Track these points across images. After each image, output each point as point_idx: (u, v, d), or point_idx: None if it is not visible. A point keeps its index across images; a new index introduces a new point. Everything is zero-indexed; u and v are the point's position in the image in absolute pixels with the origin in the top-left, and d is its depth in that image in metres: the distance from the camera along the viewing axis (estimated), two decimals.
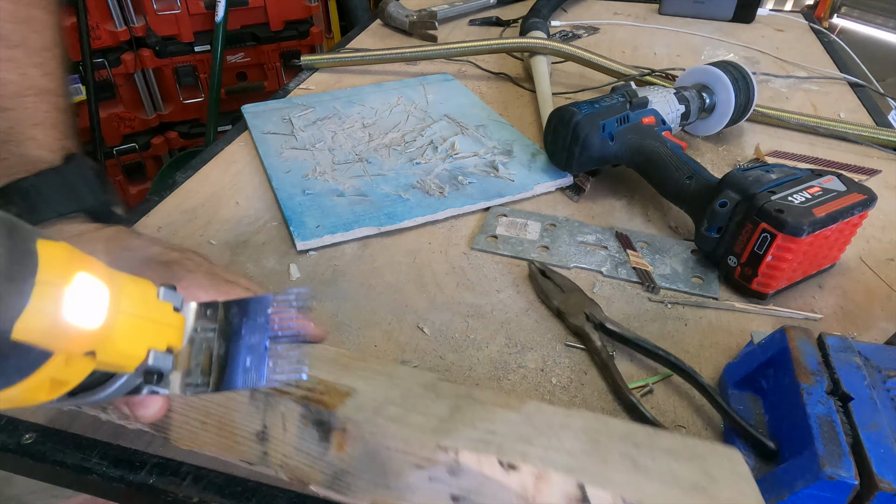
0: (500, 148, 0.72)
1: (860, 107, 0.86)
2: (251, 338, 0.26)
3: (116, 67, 1.64)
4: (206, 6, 1.66)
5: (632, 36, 1.11)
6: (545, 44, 0.88)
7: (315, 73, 0.95)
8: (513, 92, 0.89)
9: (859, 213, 0.48)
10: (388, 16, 1.14)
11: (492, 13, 1.22)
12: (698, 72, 0.72)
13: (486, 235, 0.58)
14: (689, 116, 0.69)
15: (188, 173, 0.68)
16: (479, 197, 0.62)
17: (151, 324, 0.24)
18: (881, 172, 0.69)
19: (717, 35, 1.11)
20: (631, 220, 0.61)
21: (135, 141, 1.77)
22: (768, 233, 0.46)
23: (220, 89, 1.70)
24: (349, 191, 0.63)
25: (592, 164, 0.63)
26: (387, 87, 0.88)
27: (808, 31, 1.16)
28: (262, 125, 0.77)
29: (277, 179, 0.65)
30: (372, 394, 0.32)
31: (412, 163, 0.69)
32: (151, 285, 0.24)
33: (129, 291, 0.23)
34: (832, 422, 0.33)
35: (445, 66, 0.97)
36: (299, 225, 0.58)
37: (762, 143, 0.74)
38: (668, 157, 0.58)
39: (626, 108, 0.62)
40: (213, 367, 0.26)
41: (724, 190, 0.50)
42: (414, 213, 0.60)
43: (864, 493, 0.30)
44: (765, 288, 0.49)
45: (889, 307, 0.51)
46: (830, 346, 0.38)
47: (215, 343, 0.27)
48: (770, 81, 0.93)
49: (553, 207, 0.63)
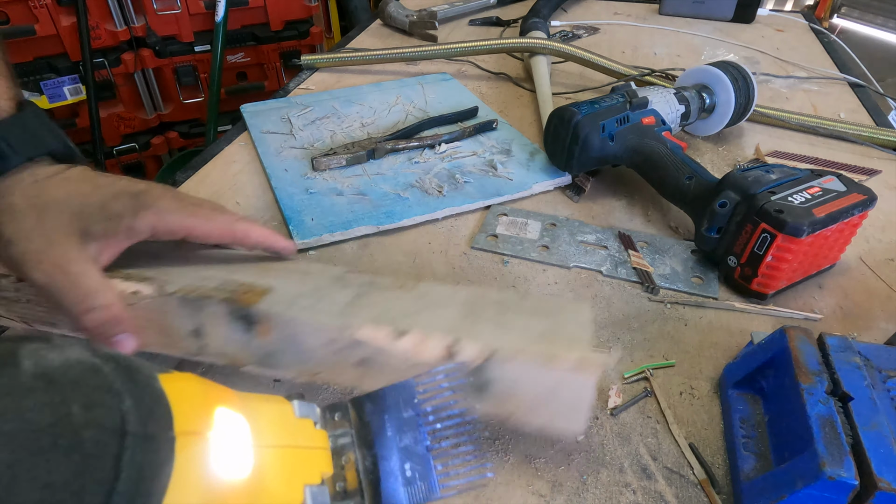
0: (498, 147, 0.71)
1: (860, 107, 0.86)
2: (402, 438, 0.21)
3: (116, 67, 1.64)
4: (206, 6, 1.66)
5: (632, 36, 1.11)
6: (545, 44, 0.88)
7: (315, 73, 0.95)
8: (513, 92, 0.89)
9: (859, 213, 0.48)
10: (388, 16, 1.14)
11: (492, 13, 1.22)
12: (698, 72, 0.72)
13: (486, 235, 0.58)
14: (689, 116, 0.69)
15: (188, 173, 0.68)
16: (478, 196, 0.62)
17: (301, 452, 0.19)
18: (881, 172, 0.69)
19: (717, 35, 1.11)
20: (631, 220, 0.61)
21: (135, 141, 1.77)
22: (768, 233, 0.46)
23: (220, 89, 1.70)
24: (348, 190, 0.63)
25: (592, 165, 0.63)
26: (385, 86, 0.88)
27: (808, 32, 1.16)
28: (261, 125, 0.76)
29: (276, 179, 0.65)
30: (286, 289, 0.37)
31: (411, 162, 0.68)
32: (284, 401, 0.21)
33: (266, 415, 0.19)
34: (832, 422, 0.32)
35: (445, 66, 0.97)
36: (298, 224, 0.58)
37: (762, 143, 0.74)
38: (668, 158, 0.58)
39: (626, 108, 0.62)
40: (362, 485, 0.21)
41: (724, 190, 0.50)
42: (413, 213, 0.60)
43: (864, 493, 0.30)
44: (765, 288, 0.49)
45: (889, 307, 0.51)
46: (830, 346, 0.37)
47: (357, 453, 0.22)
48: (770, 81, 0.93)
49: (553, 207, 0.63)
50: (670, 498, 0.36)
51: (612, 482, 0.37)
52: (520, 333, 0.34)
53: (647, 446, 0.39)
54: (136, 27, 1.63)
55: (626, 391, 0.43)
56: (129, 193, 0.37)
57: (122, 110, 1.72)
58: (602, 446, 0.39)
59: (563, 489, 0.37)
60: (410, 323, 0.34)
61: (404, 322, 0.34)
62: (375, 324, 0.34)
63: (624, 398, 0.42)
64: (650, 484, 0.37)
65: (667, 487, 0.37)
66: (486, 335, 0.33)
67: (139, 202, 0.37)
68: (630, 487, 0.37)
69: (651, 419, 0.41)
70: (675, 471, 0.38)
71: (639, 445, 0.39)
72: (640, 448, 0.39)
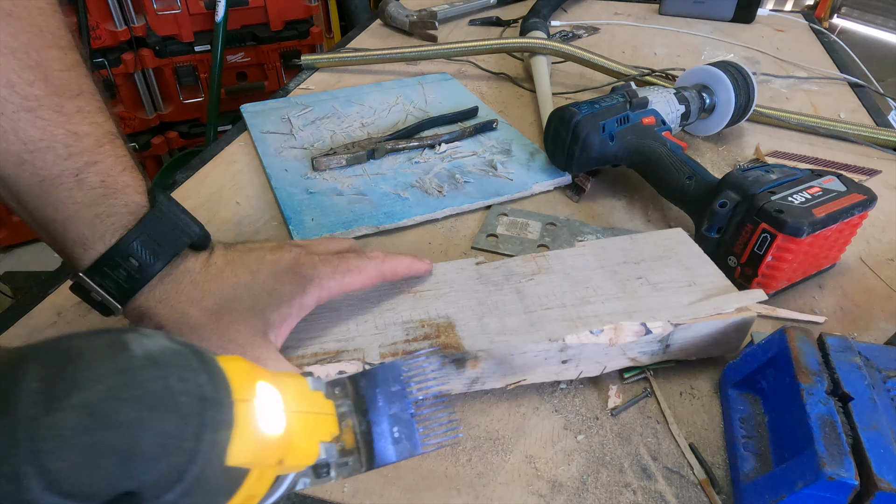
0: (498, 147, 0.71)
1: (860, 107, 0.86)
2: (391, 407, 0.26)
3: (116, 67, 1.64)
4: (206, 6, 1.66)
5: (632, 36, 1.11)
6: (545, 44, 0.88)
7: (315, 73, 0.95)
8: (513, 92, 0.89)
9: (859, 213, 0.48)
10: (388, 16, 1.14)
11: (492, 13, 1.21)
12: (698, 72, 0.72)
13: (486, 234, 0.58)
14: (689, 116, 0.69)
15: (188, 173, 0.68)
16: (478, 196, 0.62)
17: (316, 417, 0.24)
18: (881, 172, 0.69)
19: (717, 35, 1.11)
20: (631, 220, 0.61)
21: (135, 141, 1.77)
22: (768, 233, 0.46)
23: (220, 89, 1.70)
24: (348, 190, 0.63)
25: (592, 165, 0.63)
26: (385, 86, 0.88)
27: (808, 32, 1.16)
28: (261, 124, 0.76)
29: (277, 179, 0.65)
30: (460, 311, 0.41)
31: (411, 162, 0.68)
32: (301, 377, 0.25)
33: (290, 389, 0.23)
34: (832, 422, 0.32)
35: (445, 66, 0.97)
36: (298, 224, 0.58)
37: (762, 144, 0.74)
38: (667, 158, 0.58)
39: (626, 108, 0.62)
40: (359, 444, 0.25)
41: (724, 190, 0.50)
42: (413, 212, 0.60)
43: (864, 493, 0.30)
44: (765, 288, 0.49)
45: (889, 307, 0.51)
46: (830, 346, 0.37)
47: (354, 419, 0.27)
48: (770, 81, 0.93)
49: (553, 207, 0.63)
50: (670, 498, 0.36)
51: (612, 482, 0.37)
52: (676, 291, 0.43)
53: (647, 446, 0.39)
54: (136, 27, 1.63)
55: (626, 391, 0.43)
56: (289, 271, 0.38)
57: (122, 110, 1.72)
58: (602, 446, 0.39)
59: (563, 489, 0.37)
60: (594, 311, 0.41)
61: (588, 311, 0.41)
62: (572, 326, 0.40)
63: (624, 398, 0.42)
64: (650, 484, 0.37)
65: (667, 487, 0.37)
66: (656, 304, 0.42)
67: (302, 277, 0.38)
68: (630, 487, 0.37)
69: (651, 419, 0.41)
70: (675, 471, 0.38)
71: (639, 445, 0.39)
72: (640, 448, 0.39)
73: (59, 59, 0.33)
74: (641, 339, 0.41)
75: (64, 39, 0.34)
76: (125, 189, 0.35)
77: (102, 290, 0.34)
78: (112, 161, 0.35)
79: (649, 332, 0.40)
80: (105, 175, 0.34)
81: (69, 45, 0.34)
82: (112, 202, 0.34)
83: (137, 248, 0.34)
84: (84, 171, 0.34)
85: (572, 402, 0.42)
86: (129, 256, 0.34)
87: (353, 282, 0.40)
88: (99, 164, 0.34)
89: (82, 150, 0.34)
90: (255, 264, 0.38)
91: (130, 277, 0.34)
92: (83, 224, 0.34)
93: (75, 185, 0.33)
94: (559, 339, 0.39)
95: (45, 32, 0.32)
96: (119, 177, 0.35)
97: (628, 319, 0.40)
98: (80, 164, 0.33)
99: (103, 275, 0.34)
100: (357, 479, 0.37)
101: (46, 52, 0.32)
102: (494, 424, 0.41)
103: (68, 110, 0.33)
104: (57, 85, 0.33)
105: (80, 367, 0.17)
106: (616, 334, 0.40)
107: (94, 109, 0.35)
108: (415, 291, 0.44)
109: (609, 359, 0.42)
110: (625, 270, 0.45)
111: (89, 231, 0.34)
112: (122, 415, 0.17)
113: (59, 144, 0.33)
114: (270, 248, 0.40)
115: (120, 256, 0.34)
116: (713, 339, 0.43)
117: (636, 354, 0.42)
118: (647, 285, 0.44)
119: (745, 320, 0.42)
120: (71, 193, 0.33)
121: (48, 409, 0.16)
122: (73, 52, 0.34)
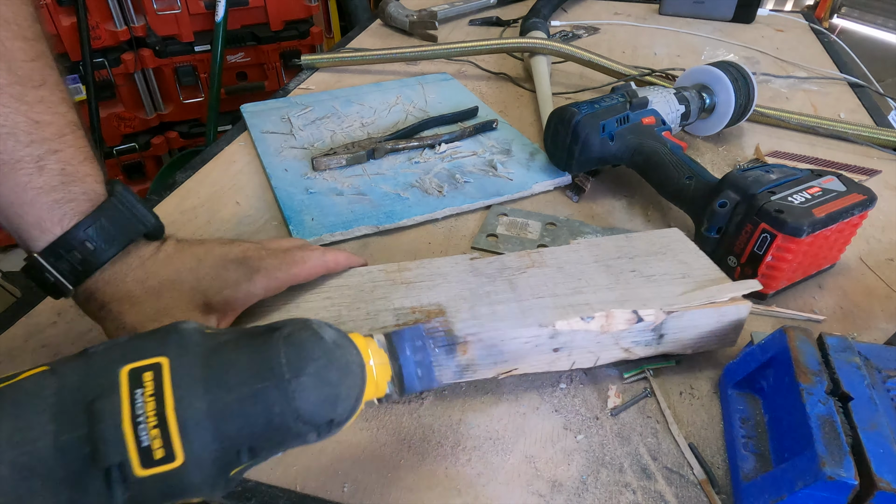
0: (498, 147, 0.71)
1: (860, 107, 0.86)
2: (416, 355, 0.33)
3: (116, 67, 1.64)
4: (206, 6, 1.66)
5: (632, 36, 1.11)
6: (545, 44, 0.88)
7: (315, 73, 0.95)
8: (513, 92, 0.89)
9: (859, 213, 0.48)
10: (388, 16, 1.14)
11: (492, 13, 1.22)
12: (698, 72, 0.72)
13: (486, 234, 0.58)
14: (689, 116, 0.69)
15: (188, 173, 0.68)
16: (478, 196, 0.62)
17: (384, 366, 0.32)
18: (881, 172, 0.69)
19: (717, 35, 1.11)
20: (631, 220, 0.61)
21: (135, 141, 1.77)
22: (768, 233, 0.46)
23: (220, 89, 1.70)
24: (348, 190, 0.63)
25: (592, 165, 0.63)
26: (385, 86, 0.88)
27: (808, 32, 1.16)
28: (261, 124, 0.76)
29: (277, 179, 0.65)
30: (452, 299, 0.42)
31: (411, 162, 0.69)
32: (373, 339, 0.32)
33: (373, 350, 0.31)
34: (832, 422, 0.32)
35: (445, 66, 0.97)
36: (299, 224, 0.58)
37: (762, 143, 0.74)
38: (667, 158, 0.58)
39: (626, 108, 0.62)
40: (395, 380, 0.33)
41: (723, 190, 0.50)
42: (413, 212, 0.60)
43: (864, 492, 0.30)
44: (765, 288, 0.49)
45: (889, 307, 0.51)
46: (830, 346, 0.37)
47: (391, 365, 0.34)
48: (770, 81, 0.93)
49: (553, 207, 0.63)
50: (670, 498, 0.36)
51: (611, 482, 0.37)
52: (669, 282, 0.43)
53: (647, 446, 0.39)
54: (136, 27, 1.63)
55: (626, 391, 0.43)
56: (236, 260, 0.40)
57: (122, 110, 1.72)
58: (602, 446, 0.39)
59: (563, 489, 0.37)
60: (586, 299, 0.41)
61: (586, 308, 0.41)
62: (563, 313, 0.40)
63: (624, 398, 0.42)
64: (650, 484, 0.37)
65: (667, 487, 0.37)
66: (648, 294, 0.42)
67: (249, 267, 0.40)
68: (630, 487, 0.37)
69: (651, 419, 0.41)
70: (674, 471, 0.38)
71: (639, 445, 0.39)
72: (640, 448, 0.39)
73: (24, 50, 0.34)
74: (634, 328, 0.41)
75: (30, 31, 0.35)
76: (85, 178, 0.37)
77: (56, 271, 0.35)
78: (73, 151, 0.36)
79: (641, 319, 0.40)
80: (66, 163, 0.36)
81: (35, 36, 0.35)
82: (71, 189, 0.36)
83: (93, 233, 0.36)
84: (44, 158, 0.35)
85: (572, 402, 0.42)
86: (85, 241, 0.35)
87: (299, 272, 0.42)
88: (60, 152, 0.35)
89: (43, 139, 0.35)
90: (203, 254, 0.40)
91: (84, 261, 0.36)
92: (42, 208, 0.35)
93: (35, 170, 0.34)
94: (549, 324, 0.39)
95: (11, 24, 0.34)
96: (80, 166, 0.36)
97: (620, 307, 0.40)
98: (41, 151, 0.35)
99: (58, 256, 0.35)
100: (357, 479, 0.37)
101: (11, 42, 0.34)
102: (494, 424, 0.41)
103: (31, 99, 0.34)
104: (20, 75, 0.34)
105: (305, 350, 0.27)
106: (608, 321, 0.40)
107: (57, 100, 0.36)
108: (408, 282, 0.44)
109: (602, 348, 0.42)
110: (618, 264, 0.45)
111: (47, 215, 0.35)
112: (332, 377, 0.27)
113: (21, 132, 0.34)
114: (221, 242, 0.41)
115: (75, 240, 0.35)
116: (708, 331, 0.42)
117: (629, 344, 0.42)
118: (641, 277, 0.44)
119: (740, 311, 0.42)
120: (31, 179, 0.34)
121: (296, 375, 0.26)
122: (39, 43, 0.35)
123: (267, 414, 0.25)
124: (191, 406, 0.24)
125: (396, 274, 0.45)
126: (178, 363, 0.25)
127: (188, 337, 0.27)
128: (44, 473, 0.22)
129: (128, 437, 0.23)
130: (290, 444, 0.27)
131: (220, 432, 0.24)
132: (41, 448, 0.23)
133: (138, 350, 0.25)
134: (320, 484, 0.37)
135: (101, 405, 0.23)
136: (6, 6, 0.34)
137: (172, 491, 0.24)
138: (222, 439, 0.24)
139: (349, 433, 0.40)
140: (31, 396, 0.24)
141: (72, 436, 0.23)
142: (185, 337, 0.26)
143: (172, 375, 0.24)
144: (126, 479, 0.23)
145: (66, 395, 0.24)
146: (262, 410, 0.25)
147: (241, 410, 0.25)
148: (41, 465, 0.22)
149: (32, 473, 0.22)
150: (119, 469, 0.23)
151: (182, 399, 0.24)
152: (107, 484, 0.23)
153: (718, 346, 0.44)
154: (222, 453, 0.25)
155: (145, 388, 0.24)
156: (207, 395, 0.25)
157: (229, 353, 0.26)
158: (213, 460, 0.24)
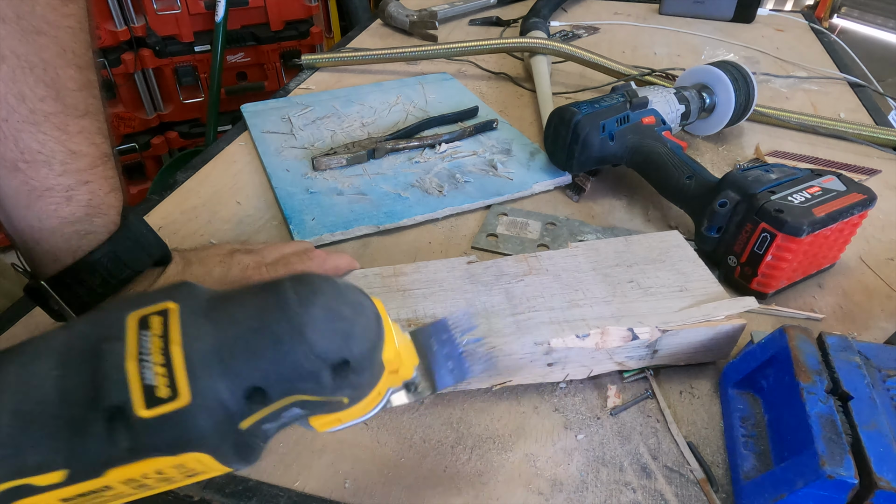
0: (498, 147, 0.72)
1: (860, 107, 0.86)
2: (444, 349, 0.33)
3: (116, 67, 1.64)
4: (206, 6, 1.66)
5: (632, 36, 1.11)
6: (545, 44, 0.88)
7: (315, 73, 0.95)
8: (513, 92, 0.89)
9: (859, 212, 0.48)
10: (388, 16, 1.14)
11: (492, 13, 1.22)
12: (698, 72, 0.72)
13: (486, 234, 0.58)
14: (689, 116, 0.69)
15: (188, 173, 0.68)
16: (478, 195, 0.62)
17: (410, 349, 0.32)
18: (881, 172, 0.69)
19: (717, 35, 1.11)
20: (631, 220, 0.61)
21: (135, 141, 1.77)
22: (768, 233, 0.46)
23: (220, 89, 1.70)
24: (348, 189, 0.63)
25: (592, 164, 0.63)
26: (386, 86, 0.88)
27: (808, 31, 1.16)
28: (262, 124, 0.77)
29: (277, 178, 0.65)
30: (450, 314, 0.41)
31: (411, 162, 0.69)
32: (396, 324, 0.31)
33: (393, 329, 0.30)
34: (832, 421, 0.32)
35: (446, 66, 0.97)
36: (299, 224, 0.58)
37: (762, 143, 0.74)
38: (668, 157, 0.58)
39: (626, 108, 0.62)
40: (425, 374, 0.32)
41: (723, 190, 0.50)
42: (413, 212, 0.60)
43: (864, 491, 0.30)
44: (765, 288, 0.49)
45: (889, 307, 0.51)
46: (830, 345, 0.37)
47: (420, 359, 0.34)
48: (770, 81, 0.93)
49: (553, 207, 0.63)
50: (670, 497, 0.36)
51: (611, 481, 0.37)
52: (666, 296, 0.43)
53: (647, 445, 0.39)
54: (136, 27, 1.63)
55: (626, 391, 0.43)
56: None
57: (122, 110, 1.72)
58: (602, 445, 0.39)
59: (564, 488, 0.37)
60: (581, 314, 0.41)
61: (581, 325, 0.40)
62: (558, 330, 0.40)
63: (624, 398, 0.42)
64: (650, 483, 0.37)
65: (667, 486, 0.37)
66: (645, 309, 0.41)
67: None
68: (630, 486, 0.37)
69: (651, 419, 0.41)
70: (675, 470, 0.38)
71: (639, 445, 0.39)
72: (640, 447, 0.39)
73: (74, 79, 0.34)
74: (628, 345, 0.41)
75: (83, 58, 0.35)
76: (108, 210, 0.37)
77: (61, 299, 0.36)
78: (101, 182, 0.37)
79: (636, 337, 0.40)
80: (93, 194, 0.36)
81: (87, 64, 0.35)
82: (94, 220, 0.36)
83: (101, 266, 0.36)
84: (75, 188, 0.35)
85: (572, 402, 0.42)
86: (93, 273, 0.36)
87: None
88: (90, 184, 0.36)
89: (77, 169, 0.35)
90: (202, 276, 0.40)
91: (90, 292, 0.36)
92: (61, 238, 0.35)
93: (64, 200, 0.35)
94: (544, 342, 0.39)
95: (67, 52, 0.33)
96: (105, 197, 0.37)
97: (616, 324, 0.40)
98: (72, 181, 0.35)
99: (65, 286, 0.36)
100: (358, 479, 0.37)
101: (64, 70, 0.33)
102: (495, 423, 0.41)
103: (72, 129, 0.34)
104: (67, 104, 0.34)
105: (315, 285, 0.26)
106: (603, 339, 0.40)
107: (96, 130, 0.36)
108: (404, 289, 0.44)
109: (596, 362, 0.42)
110: (616, 273, 0.45)
111: (65, 245, 0.35)
112: (344, 312, 0.26)
113: (56, 161, 0.34)
114: (221, 259, 0.42)
115: (83, 272, 0.35)
116: (702, 346, 0.42)
117: (623, 359, 0.42)
118: (638, 289, 0.43)
119: (736, 328, 0.41)
120: (58, 208, 0.34)
121: (306, 307, 0.25)
122: (89, 71, 0.35)
123: (276, 346, 0.24)
124: (197, 340, 0.23)
125: (392, 279, 0.45)
126: (187, 306, 0.25)
127: (198, 287, 0.26)
128: (44, 421, 0.22)
129: (131, 374, 0.22)
130: (303, 386, 0.25)
131: (227, 368, 0.23)
132: (44, 393, 0.22)
133: (149, 298, 0.25)
134: (321, 483, 0.37)
135: (107, 346, 0.23)
136: (67, 34, 0.33)
137: (178, 439, 0.22)
138: (230, 376, 0.23)
139: (350, 433, 0.40)
140: (40, 345, 0.23)
141: (75, 380, 0.22)
142: (195, 287, 0.26)
143: (181, 317, 0.24)
144: (128, 423, 0.22)
145: (74, 342, 0.23)
146: (270, 342, 0.24)
147: (249, 343, 0.24)
148: (43, 412, 0.22)
149: (33, 422, 0.22)
150: (121, 411, 0.22)
151: (188, 336, 0.23)
152: (108, 429, 0.22)
153: (712, 359, 0.44)
154: (230, 393, 0.23)
155: (152, 329, 0.24)
156: (215, 332, 0.24)
157: (239, 295, 0.26)
158: (221, 402, 0.23)
